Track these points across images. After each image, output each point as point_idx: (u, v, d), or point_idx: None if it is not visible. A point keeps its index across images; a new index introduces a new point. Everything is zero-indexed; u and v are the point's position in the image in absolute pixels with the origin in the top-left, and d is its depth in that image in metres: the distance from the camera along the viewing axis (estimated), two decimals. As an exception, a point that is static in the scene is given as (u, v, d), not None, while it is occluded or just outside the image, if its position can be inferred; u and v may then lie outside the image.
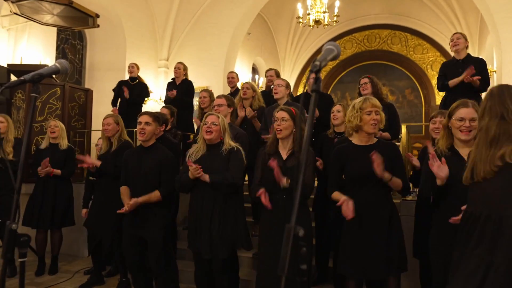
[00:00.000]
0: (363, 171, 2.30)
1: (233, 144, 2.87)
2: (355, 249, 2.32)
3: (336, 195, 2.40)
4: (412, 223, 3.31)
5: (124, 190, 3.11)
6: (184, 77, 5.57)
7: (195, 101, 5.72)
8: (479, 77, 3.70)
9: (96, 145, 4.34)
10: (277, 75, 4.86)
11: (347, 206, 2.18)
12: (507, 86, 1.82)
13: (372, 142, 2.43)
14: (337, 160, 2.46)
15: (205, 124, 2.84)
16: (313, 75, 1.12)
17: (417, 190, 2.99)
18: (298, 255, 1.01)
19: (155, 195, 2.98)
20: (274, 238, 2.51)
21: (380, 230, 2.30)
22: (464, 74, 3.71)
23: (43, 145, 4.20)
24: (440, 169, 2.02)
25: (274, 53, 11.11)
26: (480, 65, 3.91)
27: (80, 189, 4.77)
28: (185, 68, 5.63)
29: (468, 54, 4.02)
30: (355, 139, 2.47)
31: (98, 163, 3.55)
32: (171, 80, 5.72)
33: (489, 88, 2.12)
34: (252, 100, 4.15)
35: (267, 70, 5.00)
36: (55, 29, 6.59)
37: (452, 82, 3.85)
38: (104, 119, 3.70)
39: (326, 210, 3.29)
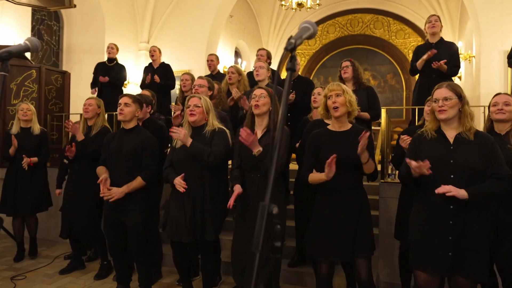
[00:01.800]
0: (337, 156, 2.30)
1: (217, 124, 2.85)
2: (325, 233, 2.36)
3: (313, 176, 2.41)
4: (390, 205, 3.39)
5: (100, 168, 3.06)
6: (162, 61, 5.54)
7: (177, 85, 5.66)
8: (445, 60, 3.76)
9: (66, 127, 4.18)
10: (269, 56, 4.77)
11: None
12: None
13: (346, 128, 2.46)
14: (312, 145, 2.48)
15: (188, 107, 2.82)
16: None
17: (397, 173, 3.04)
18: (272, 233, 1.02)
19: (138, 182, 2.94)
20: (249, 215, 2.55)
21: (351, 214, 2.35)
22: (426, 55, 3.83)
23: (14, 129, 4.06)
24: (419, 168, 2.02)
25: (257, 37, 11.00)
26: (451, 49, 3.98)
27: (56, 173, 4.70)
28: (160, 51, 5.63)
29: (441, 38, 4.07)
30: (330, 125, 2.52)
31: (82, 136, 3.47)
32: (148, 65, 5.65)
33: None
34: (238, 84, 4.11)
35: (259, 50, 4.89)
36: (29, 9, 6.34)
37: (419, 63, 3.94)
38: (86, 100, 3.62)
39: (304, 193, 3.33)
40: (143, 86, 5.41)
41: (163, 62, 5.57)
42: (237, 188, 2.68)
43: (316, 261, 2.52)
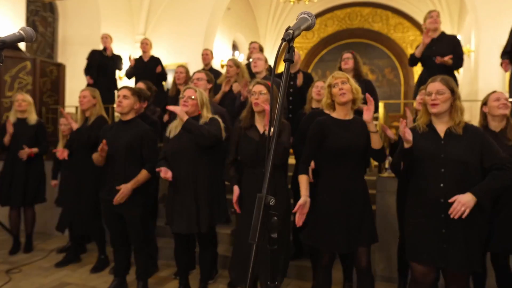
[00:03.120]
0: (342, 144, 2.31)
1: (211, 116, 2.84)
2: (328, 224, 2.32)
3: (302, 182, 2.37)
4: (388, 199, 3.39)
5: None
6: (151, 54, 5.58)
7: (169, 78, 5.65)
8: (451, 56, 3.74)
9: (60, 124, 4.05)
10: (261, 49, 4.77)
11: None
12: None
13: (351, 117, 2.43)
14: (317, 133, 2.41)
15: (183, 97, 2.82)
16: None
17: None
18: (269, 224, 1.01)
19: (143, 175, 2.92)
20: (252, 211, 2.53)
21: (355, 204, 2.33)
22: (424, 43, 3.82)
23: (11, 120, 4.02)
24: (407, 132, 2.06)
25: (254, 30, 10.93)
26: (453, 42, 3.96)
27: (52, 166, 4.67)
28: (151, 45, 5.66)
29: (443, 32, 4.04)
30: (335, 113, 2.46)
31: (76, 126, 3.43)
32: (138, 57, 5.62)
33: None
34: (237, 77, 4.09)
35: (251, 43, 4.91)
36: (23, 0, 6.26)
37: (418, 50, 3.92)
38: (81, 92, 3.57)
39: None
40: (129, 75, 5.41)
41: (153, 56, 5.57)
42: (236, 191, 2.69)
43: (317, 252, 2.50)
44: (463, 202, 1.96)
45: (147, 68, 5.31)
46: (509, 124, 2.51)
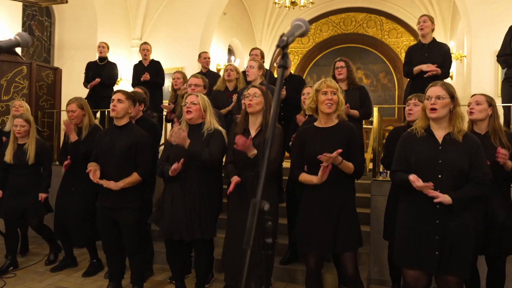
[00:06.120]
0: (316, 153, 2.31)
1: (214, 123, 2.85)
2: (309, 226, 2.41)
3: (304, 176, 2.44)
4: (382, 203, 3.41)
5: (92, 163, 3.02)
6: (151, 58, 5.56)
7: (167, 82, 5.67)
8: (435, 66, 3.79)
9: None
10: (262, 55, 4.79)
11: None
12: None
13: (332, 124, 2.46)
14: (298, 142, 2.50)
15: (185, 104, 2.82)
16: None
17: (389, 172, 3.06)
18: (263, 229, 1.03)
19: (134, 177, 2.92)
20: (242, 213, 2.58)
21: (333, 209, 2.38)
22: (427, 67, 3.83)
23: (8, 126, 4.03)
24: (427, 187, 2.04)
25: (250, 35, 10.98)
26: (444, 50, 4.01)
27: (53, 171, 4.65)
28: (151, 49, 5.68)
29: (434, 39, 4.08)
30: (317, 122, 2.52)
31: (75, 137, 3.41)
32: (138, 62, 5.65)
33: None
34: (237, 81, 4.15)
35: (252, 49, 4.93)
36: (20, 4, 6.26)
37: (416, 70, 3.96)
38: (67, 105, 3.52)
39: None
40: (134, 84, 5.40)
41: (153, 60, 5.58)
42: (235, 178, 2.68)
43: (303, 253, 2.56)
44: (442, 197, 2.01)
45: (149, 73, 5.33)
46: (493, 129, 2.54)
